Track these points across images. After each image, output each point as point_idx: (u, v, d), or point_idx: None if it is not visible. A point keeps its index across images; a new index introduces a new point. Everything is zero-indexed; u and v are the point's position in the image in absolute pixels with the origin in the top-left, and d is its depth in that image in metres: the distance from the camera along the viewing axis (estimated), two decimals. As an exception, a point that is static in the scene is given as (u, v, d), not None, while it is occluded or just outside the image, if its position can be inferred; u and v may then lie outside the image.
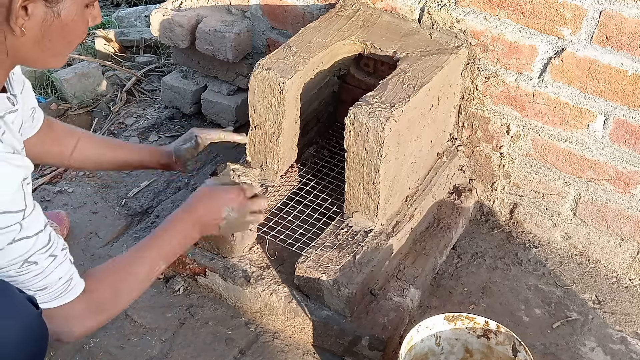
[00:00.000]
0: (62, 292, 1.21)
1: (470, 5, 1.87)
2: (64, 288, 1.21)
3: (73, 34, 1.19)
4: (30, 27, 1.12)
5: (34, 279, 1.17)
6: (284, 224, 1.81)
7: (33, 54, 1.17)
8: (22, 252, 1.13)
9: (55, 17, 1.14)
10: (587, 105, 1.84)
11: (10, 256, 1.12)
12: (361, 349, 1.66)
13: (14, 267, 1.14)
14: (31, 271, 1.16)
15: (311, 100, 1.92)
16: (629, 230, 1.94)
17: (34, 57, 1.19)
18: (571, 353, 1.77)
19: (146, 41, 2.98)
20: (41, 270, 1.17)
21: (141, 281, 1.35)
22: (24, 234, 1.12)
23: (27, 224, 1.12)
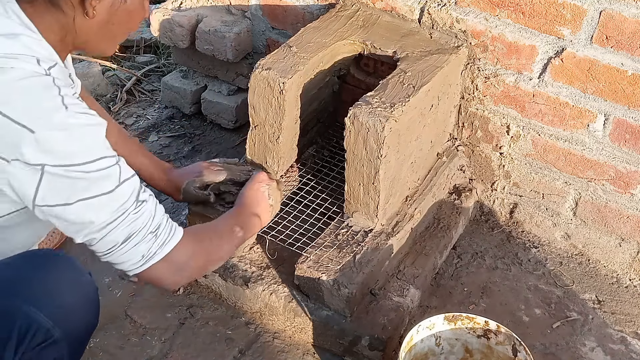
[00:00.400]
0: (171, 230, 1.28)
1: (470, 5, 1.87)
2: (169, 224, 1.29)
3: (133, 21, 1.30)
4: (100, 10, 1.22)
5: (148, 220, 1.24)
6: (284, 224, 1.81)
7: (95, 37, 1.26)
8: (131, 190, 1.21)
9: (122, 2, 1.24)
10: (587, 105, 1.84)
11: (125, 196, 1.19)
12: (361, 349, 1.66)
13: (131, 208, 1.20)
14: (145, 210, 1.23)
15: (311, 100, 1.92)
16: (629, 230, 1.94)
17: (95, 41, 1.27)
18: (571, 353, 1.77)
19: (146, 41, 2.98)
20: (151, 208, 1.25)
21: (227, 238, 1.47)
22: (124, 176, 1.20)
23: (123, 167, 1.21)
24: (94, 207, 1.16)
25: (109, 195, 1.17)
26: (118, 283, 1.84)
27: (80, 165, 1.13)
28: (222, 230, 1.48)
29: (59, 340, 1.19)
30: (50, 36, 1.21)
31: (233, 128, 2.45)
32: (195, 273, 1.42)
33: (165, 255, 1.27)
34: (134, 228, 1.22)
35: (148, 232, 1.24)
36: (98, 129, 1.18)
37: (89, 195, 1.15)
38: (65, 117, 1.12)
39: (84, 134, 1.15)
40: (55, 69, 1.19)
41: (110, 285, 1.84)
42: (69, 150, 1.12)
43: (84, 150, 1.14)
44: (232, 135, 2.44)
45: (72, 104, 1.15)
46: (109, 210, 1.18)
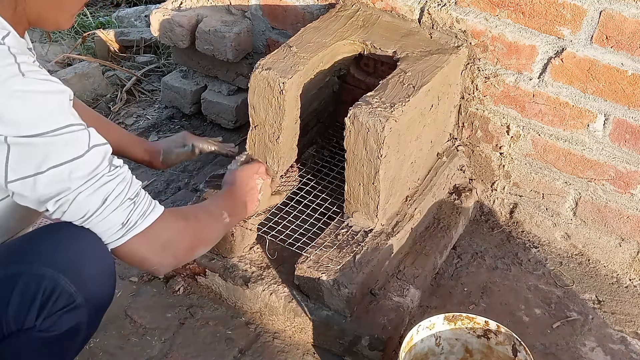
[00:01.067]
0: (151, 203, 1.26)
1: (470, 5, 1.87)
2: (148, 197, 1.26)
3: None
4: None
5: (125, 185, 1.21)
6: (284, 224, 1.81)
7: (45, 7, 1.21)
8: (103, 155, 1.18)
9: None
10: (587, 105, 1.84)
11: (96, 160, 1.17)
12: (361, 349, 1.66)
13: (105, 171, 1.18)
14: (120, 174, 1.20)
15: (311, 100, 1.92)
16: (629, 230, 1.94)
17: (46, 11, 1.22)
18: (571, 353, 1.77)
19: (146, 41, 2.98)
20: (126, 174, 1.22)
21: (216, 221, 1.44)
22: (94, 141, 1.17)
23: (93, 133, 1.18)
24: (65, 173, 1.13)
25: (79, 159, 1.14)
26: (118, 283, 1.82)
27: (46, 134, 1.10)
28: (212, 211, 1.44)
29: (80, 306, 1.20)
30: (2, 11, 1.17)
31: (233, 128, 2.45)
32: (184, 254, 1.34)
33: (147, 227, 1.23)
34: (108, 190, 1.18)
35: (126, 197, 1.20)
36: (61, 96, 1.14)
37: (59, 162, 1.12)
38: (24, 84, 1.09)
39: (45, 100, 1.11)
40: (10, 38, 1.15)
41: (110, 285, 1.84)
42: (31, 119, 1.09)
43: (47, 117, 1.11)
44: (232, 135, 2.44)
45: (30, 71, 1.11)
46: (81, 174, 1.15)
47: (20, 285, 1.16)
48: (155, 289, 1.83)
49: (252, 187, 1.63)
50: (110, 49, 2.95)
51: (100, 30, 2.97)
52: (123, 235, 1.21)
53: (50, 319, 1.18)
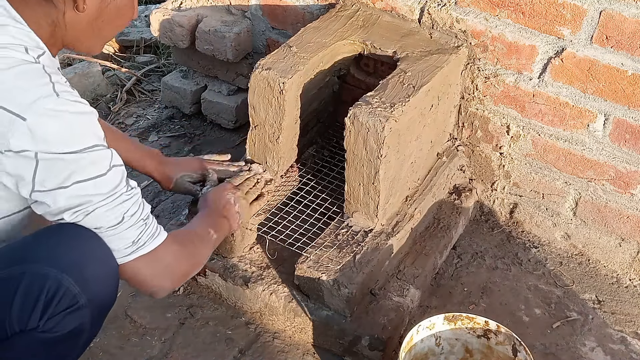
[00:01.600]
0: (157, 228, 1.30)
1: (470, 5, 1.87)
2: (155, 222, 1.30)
3: (122, 19, 1.31)
4: (90, 5, 1.23)
5: (139, 207, 1.26)
6: (284, 224, 1.81)
7: (84, 33, 1.27)
8: (121, 175, 1.23)
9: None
10: (587, 105, 1.84)
11: (116, 178, 1.22)
12: (361, 349, 1.66)
13: (124, 189, 1.23)
14: (135, 195, 1.25)
15: (311, 100, 1.92)
16: (629, 230, 1.94)
17: (83, 37, 1.28)
18: (571, 353, 1.77)
19: (146, 41, 2.98)
20: (139, 196, 1.27)
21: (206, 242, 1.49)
22: (115, 162, 1.22)
23: (115, 154, 1.23)
24: (89, 188, 1.18)
25: (103, 177, 1.19)
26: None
27: (74, 152, 1.15)
28: (201, 234, 1.48)
29: (84, 306, 1.20)
30: (40, 31, 1.22)
31: (233, 128, 2.45)
32: (178, 279, 1.40)
33: (153, 249, 1.28)
34: (126, 208, 1.23)
35: (140, 218, 1.25)
36: (90, 117, 1.19)
37: (84, 178, 1.16)
38: (57, 104, 1.13)
39: (76, 121, 1.16)
40: (44, 57, 1.19)
41: (110, 285, 1.84)
42: (62, 138, 1.13)
43: (77, 138, 1.15)
44: (232, 135, 2.44)
45: (64, 92, 1.15)
46: (104, 190, 1.19)
47: (23, 286, 1.17)
48: (155, 289, 1.83)
49: (225, 202, 1.63)
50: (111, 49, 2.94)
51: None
52: (132, 253, 1.26)
53: (54, 320, 1.18)
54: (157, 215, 2.05)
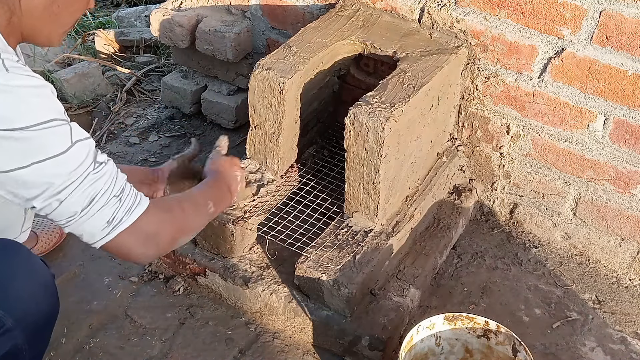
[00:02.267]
0: (136, 197, 1.24)
1: (470, 5, 1.87)
2: (134, 192, 1.24)
3: (76, 4, 1.25)
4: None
5: (110, 182, 1.19)
6: (284, 224, 1.81)
7: (40, 20, 1.22)
8: (87, 151, 1.17)
9: None
10: (587, 105, 1.84)
11: (80, 156, 1.15)
12: (361, 349, 1.66)
13: (90, 168, 1.16)
14: (105, 172, 1.19)
15: (311, 100, 1.92)
16: (629, 230, 1.94)
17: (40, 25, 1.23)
18: (571, 353, 1.77)
19: (146, 41, 2.98)
20: (112, 170, 1.20)
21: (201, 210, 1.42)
22: (77, 137, 1.16)
23: (75, 128, 1.16)
24: (49, 169, 1.12)
25: (62, 156, 1.12)
26: (118, 283, 1.84)
27: (28, 128, 1.09)
28: (197, 201, 1.43)
29: (13, 328, 1.17)
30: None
31: (233, 128, 2.45)
32: (166, 244, 1.31)
33: (132, 223, 1.21)
34: (95, 190, 1.17)
35: (111, 195, 1.19)
36: (43, 90, 1.14)
37: (42, 158, 1.11)
38: (7, 79, 1.08)
39: (28, 95, 1.10)
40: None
41: (110, 285, 1.84)
42: (14, 114, 1.08)
43: (30, 112, 1.09)
44: (232, 135, 2.44)
45: (14, 67, 1.11)
46: (66, 171, 1.13)
47: None
48: (155, 289, 1.83)
49: (235, 176, 1.62)
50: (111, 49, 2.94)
51: (100, 30, 2.97)
52: (109, 233, 1.20)
53: None
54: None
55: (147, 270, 1.88)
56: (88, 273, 1.87)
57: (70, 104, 2.57)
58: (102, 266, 1.89)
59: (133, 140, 2.42)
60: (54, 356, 1.64)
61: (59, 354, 1.65)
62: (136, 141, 2.41)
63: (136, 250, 1.24)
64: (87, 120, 2.53)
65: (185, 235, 1.37)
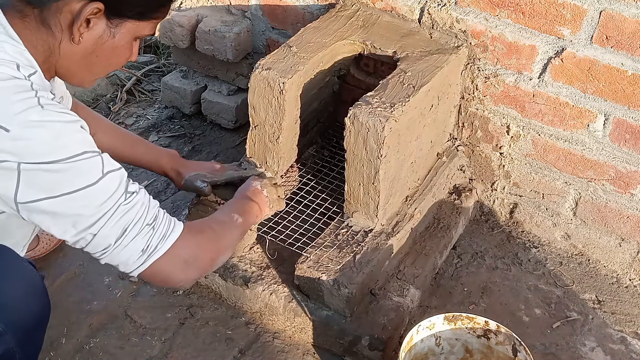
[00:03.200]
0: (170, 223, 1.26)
1: (470, 5, 1.87)
2: (166, 217, 1.26)
3: (116, 58, 1.30)
4: (87, 39, 1.22)
5: (143, 211, 1.21)
6: (284, 224, 1.81)
7: (77, 65, 1.26)
8: (118, 182, 1.19)
9: (110, 37, 1.24)
10: (587, 105, 1.84)
11: (111, 188, 1.17)
12: (361, 349, 1.66)
13: (121, 199, 1.18)
14: (137, 201, 1.21)
15: (311, 100, 1.92)
16: (629, 230, 1.94)
17: (75, 69, 1.27)
18: (571, 353, 1.77)
19: (146, 41, 2.98)
20: (143, 199, 1.22)
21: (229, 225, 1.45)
22: (108, 168, 1.18)
23: (107, 159, 1.19)
24: (79, 200, 1.14)
25: (94, 187, 1.15)
26: (118, 283, 1.84)
27: (62, 161, 1.12)
28: (222, 219, 1.46)
29: (3, 333, 1.17)
30: (36, 54, 1.21)
31: (233, 128, 2.45)
32: (207, 265, 1.34)
33: (168, 249, 1.23)
34: (127, 220, 1.19)
35: (144, 224, 1.21)
36: (75, 125, 1.16)
37: (72, 189, 1.13)
38: (42, 115, 1.11)
39: (61, 130, 1.13)
40: (36, 77, 1.18)
41: (110, 285, 1.84)
42: (47, 148, 1.11)
43: (63, 146, 1.13)
44: (232, 135, 2.44)
45: (49, 104, 1.13)
46: (96, 203, 1.15)
47: None
48: (155, 289, 1.83)
49: (253, 188, 1.65)
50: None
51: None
52: (145, 262, 1.22)
53: None
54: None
55: (147, 270, 1.88)
56: (88, 273, 1.87)
57: (70, 104, 2.57)
58: (102, 266, 1.86)
59: (133, 140, 2.42)
60: (54, 356, 1.64)
61: (59, 354, 1.65)
62: (136, 141, 2.41)
63: (175, 276, 1.27)
64: (87, 120, 2.52)
65: (223, 254, 1.40)
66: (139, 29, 1.27)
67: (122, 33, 1.25)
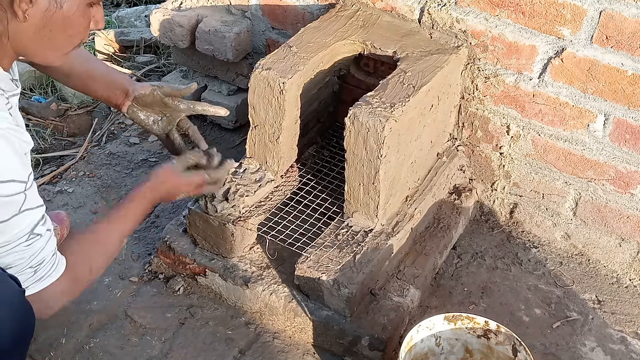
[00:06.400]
0: (52, 268, 1.25)
1: (470, 5, 1.87)
2: (53, 260, 1.26)
3: (73, 29, 1.23)
4: (32, 14, 1.17)
5: (37, 252, 1.21)
6: (284, 224, 1.81)
7: (33, 43, 1.21)
8: (28, 222, 1.18)
9: (57, 8, 1.18)
10: (587, 105, 1.84)
11: (19, 227, 1.17)
12: (361, 349, 1.66)
13: (22, 239, 1.18)
14: (35, 245, 1.20)
15: (311, 100, 1.92)
16: (629, 230, 1.94)
17: (34, 47, 1.23)
18: (571, 353, 1.77)
19: (146, 41, 2.98)
20: (42, 244, 1.22)
21: (112, 254, 1.44)
22: (27, 205, 1.17)
23: (30, 196, 1.17)
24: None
25: (3, 224, 1.14)
26: (118, 283, 1.84)
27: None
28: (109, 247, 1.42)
29: None
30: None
31: (233, 128, 2.45)
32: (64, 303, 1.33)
33: (37, 292, 1.24)
34: (15, 258, 1.19)
35: (28, 266, 1.21)
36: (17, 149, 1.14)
37: None
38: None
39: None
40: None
41: (110, 285, 1.84)
42: None
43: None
44: (232, 135, 2.44)
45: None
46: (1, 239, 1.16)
47: None
48: (155, 289, 1.83)
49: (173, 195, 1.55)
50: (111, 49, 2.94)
51: (100, 30, 2.97)
52: None
53: None
54: (157, 215, 2.05)
55: (147, 271, 1.88)
56: (88, 273, 1.86)
57: (70, 104, 2.57)
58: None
59: (133, 140, 2.41)
60: (54, 356, 1.64)
61: (59, 354, 1.65)
62: (136, 141, 2.41)
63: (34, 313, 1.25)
64: (87, 120, 2.53)
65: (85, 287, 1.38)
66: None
67: (69, 1, 1.19)
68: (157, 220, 2.04)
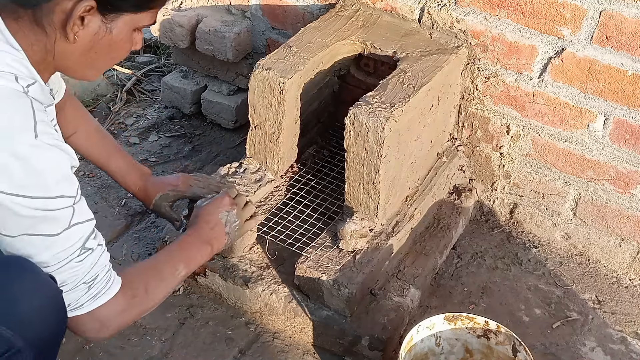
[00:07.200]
0: (106, 285, 1.24)
1: (470, 5, 1.87)
2: (107, 277, 1.24)
3: (117, 52, 1.27)
4: (82, 37, 1.19)
5: (89, 268, 1.20)
6: (284, 224, 1.81)
7: (76, 63, 1.24)
8: (79, 236, 1.17)
9: (107, 33, 1.21)
10: (587, 105, 1.84)
11: (70, 241, 1.16)
12: (361, 349, 1.66)
13: (74, 254, 1.17)
14: (87, 260, 1.19)
15: (311, 100, 1.92)
16: (629, 230, 1.94)
17: (76, 67, 1.26)
18: (571, 353, 1.77)
19: (146, 41, 2.98)
20: (94, 259, 1.21)
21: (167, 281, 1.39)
22: (77, 220, 1.16)
23: (78, 209, 1.17)
24: (36, 245, 1.13)
25: (54, 237, 1.14)
26: (118, 283, 1.84)
27: (33, 199, 1.09)
28: (163, 272, 1.39)
29: (23, 349, 1.14)
30: (32, 55, 1.19)
31: (233, 128, 2.45)
32: (122, 327, 1.31)
33: (92, 310, 1.22)
34: (69, 275, 1.18)
35: (81, 282, 1.20)
36: (63, 163, 1.14)
37: (33, 232, 1.11)
38: (32, 145, 1.09)
39: (46, 166, 1.11)
40: (34, 87, 1.16)
41: (110, 285, 1.83)
42: (26, 181, 1.08)
43: (41, 184, 1.10)
44: (232, 135, 2.45)
45: (44, 133, 1.11)
46: (51, 253, 1.14)
47: None
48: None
49: (216, 223, 1.53)
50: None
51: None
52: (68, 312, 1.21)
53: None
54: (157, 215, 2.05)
55: (147, 270, 1.88)
56: (88, 273, 1.86)
57: (70, 104, 2.57)
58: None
59: (133, 140, 2.42)
60: (54, 356, 1.64)
61: (59, 354, 1.64)
62: (136, 141, 2.41)
63: (89, 334, 1.26)
64: (87, 120, 2.52)
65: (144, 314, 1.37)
66: (137, 20, 1.24)
67: (119, 27, 1.21)
68: (157, 220, 2.04)
